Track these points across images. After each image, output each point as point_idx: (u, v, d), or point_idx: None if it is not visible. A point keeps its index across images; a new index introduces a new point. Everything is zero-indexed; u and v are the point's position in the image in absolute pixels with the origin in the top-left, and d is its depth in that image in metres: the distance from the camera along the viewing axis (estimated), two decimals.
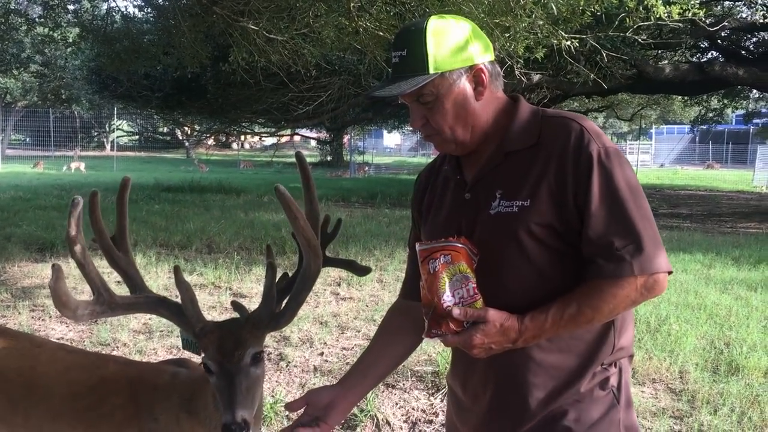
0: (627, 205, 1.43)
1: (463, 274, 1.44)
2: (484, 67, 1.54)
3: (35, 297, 6.24)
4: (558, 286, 1.49)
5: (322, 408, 1.70)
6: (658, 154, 47.44)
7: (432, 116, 1.54)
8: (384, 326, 1.85)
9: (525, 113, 1.58)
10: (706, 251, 8.94)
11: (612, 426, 1.52)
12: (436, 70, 1.49)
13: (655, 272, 1.41)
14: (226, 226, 10.16)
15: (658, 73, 14.33)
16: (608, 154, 1.46)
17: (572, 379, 1.51)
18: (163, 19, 8.76)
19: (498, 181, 1.54)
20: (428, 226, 1.70)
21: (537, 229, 1.47)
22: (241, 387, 1.73)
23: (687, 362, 4.69)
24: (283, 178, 25.13)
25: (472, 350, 1.44)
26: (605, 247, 1.41)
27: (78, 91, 31.99)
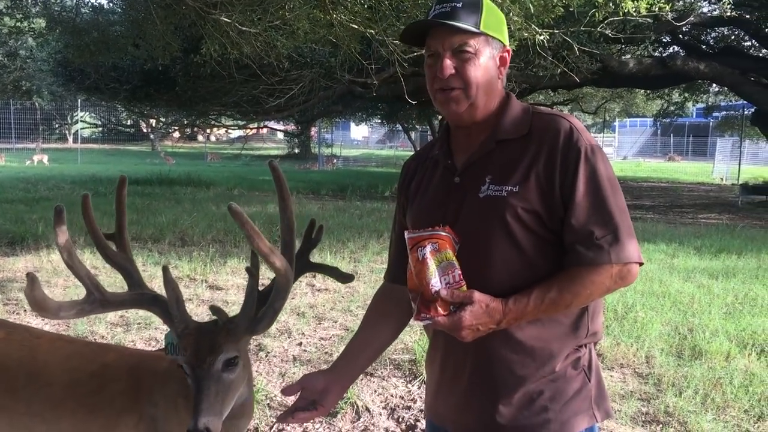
0: (608, 199, 1.54)
1: (449, 262, 1.50)
2: (510, 51, 1.69)
3: (8, 291, 6.20)
4: (540, 270, 1.57)
5: (318, 392, 1.75)
6: (621, 147, 48.25)
7: (465, 69, 1.59)
8: (372, 310, 1.90)
9: (517, 106, 1.69)
10: (669, 241, 9.22)
11: (585, 402, 1.61)
12: (486, 30, 1.59)
13: (629, 262, 1.52)
14: (199, 218, 10.14)
15: (622, 67, 14.62)
16: (593, 150, 1.57)
17: (549, 359, 1.59)
18: (133, 10, 8.68)
19: (488, 167, 1.62)
20: (415, 208, 1.76)
21: (523, 214, 1.55)
22: (209, 393, 1.76)
23: (653, 347, 4.88)
24: (251, 171, 25.04)
25: (461, 332, 1.49)
26: (586, 235, 1.51)
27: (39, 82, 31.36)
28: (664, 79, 17.17)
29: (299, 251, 2.09)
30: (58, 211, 1.81)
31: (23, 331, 2.39)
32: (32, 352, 2.24)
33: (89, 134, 49.93)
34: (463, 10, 1.58)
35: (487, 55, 1.61)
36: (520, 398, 1.59)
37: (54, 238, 1.83)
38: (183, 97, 15.60)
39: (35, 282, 1.74)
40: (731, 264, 7.80)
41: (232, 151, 40.03)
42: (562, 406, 1.59)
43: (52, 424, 2.14)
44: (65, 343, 2.39)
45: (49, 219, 9.34)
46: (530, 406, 1.59)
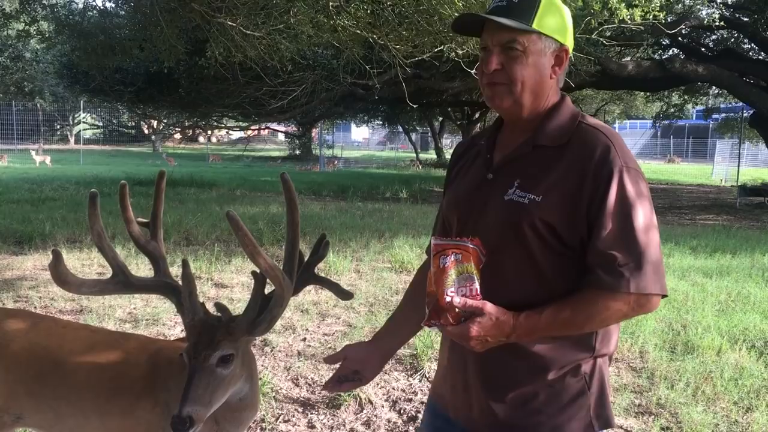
0: (636, 225, 1.48)
1: (470, 275, 1.50)
2: (568, 50, 1.64)
3: (18, 288, 6.33)
4: (552, 284, 1.56)
5: (360, 363, 1.82)
6: None
7: (512, 65, 1.57)
8: (412, 285, 1.93)
9: (566, 113, 1.64)
10: (665, 241, 9.34)
11: (581, 409, 1.60)
12: (539, 28, 1.55)
13: (650, 293, 1.48)
14: (202, 218, 10.28)
15: (621, 70, 14.77)
16: (629, 172, 1.52)
17: (544, 368, 1.59)
18: (139, 14, 8.83)
19: (520, 170, 1.60)
20: (451, 194, 1.77)
21: (540, 225, 1.53)
22: (198, 384, 1.85)
23: (647, 343, 5.03)
24: (253, 172, 25.17)
25: (469, 342, 1.49)
26: (608, 259, 1.47)
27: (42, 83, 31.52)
28: (663, 81, 17.32)
29: (306, 263, 2.20)
30: (92, 197, 1.96)
31: (50, 321, 2.54)
32: (59, 340, 2.38)
33: (91, 135, 50.08)
34: (518, 5, 1.56)
35: (540, 54, 1.58)
36: (513, 398, 1.61)
37: (87, 221, 1.97)
38: (186, 99, 15.77)
39: (59, 257, 1.91)
40: (725, 263, 7.95)
41: (233, 152, 40.15)
42: (556, 410, 1.59)
43: (76, 405, 2.28)
44: (89, 332, 2.53)
45: (56, 219, 9.53)
46: (523, 407, 1.61)
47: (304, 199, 14.89)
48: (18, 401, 2.34)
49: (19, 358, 2.34)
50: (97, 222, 2.00)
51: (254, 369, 2.19)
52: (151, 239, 2.20)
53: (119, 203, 2.16)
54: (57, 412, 2.31)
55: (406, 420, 3.88)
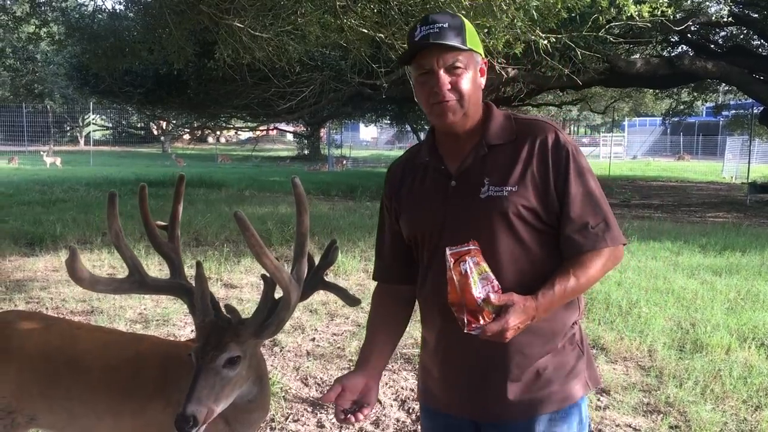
0: (594, 191, 1.75)
1: (486, 273, 1.62)
2: (487, 63, 1.86)
3: (29, 290, 6.40)
4: (540, 261, 1.75)
5: (359, 391, 1.83)
6: (630, 146, 48.17)
7: (459, 82, 1.75)
8: (378, 310, 2.01)
9: (499, 114, 1.86)
10: (674, 239, 9.33)
11: (581, 373, 1.82)
12: (471, 46, 1.76)
13: (619, 244, 1.75)
14: (212, 219, 10.33)
15: (629, 67, 14.71)
16: (576, 150, 1.78)
17: (553, 337, 1.78)
18: (149, 16, 8.88)
19: (484, 170, 1.77)
20: (412, 214, 1.89)
21: (524, 211, 1.72)
22: (204, 384, 1.88)
23: (655, 341, 5.03)
24: (262, 172, 25.24)
25: (506, 333, 1.60)
26: (582, 225, 1.72)
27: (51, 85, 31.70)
28: (671, 78, 17.22)
29: (315, 268, 2.21)
30: (111, 197, 2.02)
31: (64, 323, 2.58)
32: (72, 341, 2.42)
33: (100, 137, 50.34)
34: (450, 30, 1.73)
35: (475, 68, 1.78)
36: (528, 375, 1.76)
37: (107, 220, 2.03)
38: (195, 100, 15.82)
39: (76, 254, 1.95)
40: (735, 261, 7.92)
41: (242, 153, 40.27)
42: (563, 378, 1.78)
43: (89, 406, 2.31)
44: (103, 333, 2.57)
45: (66, 220, 9.60)
46: (537, 381, 1.76)
47: (312, 199, 14.92)
48: (32, 402, 2.37)
49: (33, 360, 2.37)
50: (116, 222, 2.05)
51: (263, 371, 2.20)
52: (169, 241, 2.23)
53: (139, 205, 2.21)
54: (70, 412, 2.34)
55: (415, 419, 3.90)
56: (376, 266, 2.06)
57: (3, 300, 6.03)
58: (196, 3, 7.55)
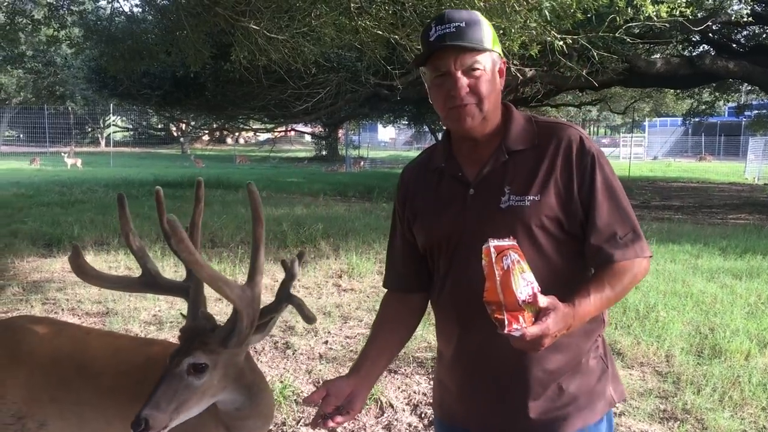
0: (621, 200, 1.67)
1: (527, 273, 1.49)
2: (505, 62, 1.77)
3: (46, 291, 6.45)
4: (561, 272, 1.67)
5: (345, 397, 1.78)
6: (651, 147, 47.76)
7: (478, 85, 1.66)
8: (383, 317, 1.95)
9: (519, 118, 1.76)
10: (694, 242, 9.20)
11: (605, 387, 1.75)
12: (490, 47, 1.68)
13: (649, 255, 1.67)
14: (228, 220, 10.36)
15: (649, 67, 14.55)
16: (602, 156, 1.69)
17: (577, 352, 1.70)
18: (166, 19, 8.93)
19: (504, 178, 1.69)
20: (428, 222, 1.80)
21: (546, 221, 1.65)
22: (164, 389, 1.84)
23: (673, 346, 4.94)
24: (279, 173, 25.32)
25: (544, 340, 1.48)
26: (610, 235, 1.63)
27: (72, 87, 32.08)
28: (692, 78, 17.01)
29: (283, 281, 2.11)
30: (120, 199, 2.03)
31: (74, 328, 2.58)
32: (82, 346, 2.41)
33: (121, 138, 50.83)
34: (468, 29, 1.64)
35: (494, 69, 1.69)
36: (551, 392, 1.69)
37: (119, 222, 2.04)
38: (213, 102, 15.92)
39: (78, 251, 1.97)
40: (756, 264, 7.78)
41: (260, 154, 40.43)
42: (588, 394, 1.71)
43: (99, 410, 2.31)
44: (113, 338, 2.57)
45: (84, 221, 9.67)
46: (560, 398, 1.69)
47: (329, 200, 14.95)
48: (42, 408, 2.37)
49: (44, 365, 2.37)
50: (127, 223, 2.04)
51: (254, 380, 2.13)
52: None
53: (156, 208, 2.21)
54: (80, 417, 2.34)
55: (427, 424, 3.87)
56: (386, 273, 1.99)
57: (20, 301, 6.08)
58: (212, 5, 7.58)
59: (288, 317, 5.66)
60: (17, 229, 9.44)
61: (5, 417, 2.38)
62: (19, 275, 7.05)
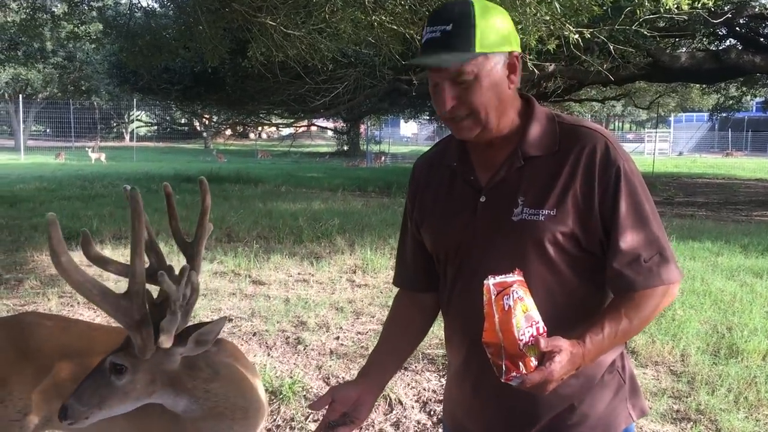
0: (650, 218, 1.49)
1: (531, 312, 1.37)
2: (519, 55, 1.53)
3: (63, 284, 6.50)
4: (576, 291, 1.54)
5: (352, 404, 1.68)
6: (676, 143, 47.13)
7: (468, 96, 1.48)
8: (394, 319, 1.85)
9: (542, 117, 1.58)
10: (715, 239, 9.05)
11: (621, 403, 1.61)
12: (482, 49, 1.45)
13: (677, 281, 1.50)
14: (245, 215, 10.40)
15: (673, 61, 14.33)
16: (631, 168, 1.51)
17: (592, 377, 1.57)
18: (184, 14, 8.98)
19: (519, 187, 1.54)
20: (436, 226, 1.68)
21: (561, 238, 1.50)
22: (89, 382, 1.86)
23: (689, 346, 4.86)
24: (300, 168, 25.38)
25: (548, 385, 1.37)
26: (634, 258, 1.46)
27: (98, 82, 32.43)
28: (718, 73, 16.72)
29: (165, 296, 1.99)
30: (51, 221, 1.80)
31: (82, 325, 2.59)
32: (90, 343, 2.42)
33: (145, 133, 51.29)
34: (453, 32, 1.45)
35: (491, 73, 1.48)
36: (562, 410, 1.58)
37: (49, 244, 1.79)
38: (232, 97, 16.01)
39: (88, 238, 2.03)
40: None
41: (282, 149, 40.57)
42: (602, 411, 1.58)
43: None
44: (120, 335, 2.57)
45: (103, 215, 9.76)
46: (571, 416, 1.58)
47: (347, 195, 14.95)
48: (48, 404, 2.38)
49: (51, 361, 2.38)
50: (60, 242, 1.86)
51: (201, 386, 2.05)
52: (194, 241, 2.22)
53: (166, 206, 2.22)
54: None
55: (436, 422, 3.84)
56: (396, 271, 1.87)
57: (37, 294, 6.15)
58: (229, 1, 7.60)
59: (300, 313, 5.67)
60: (38, 222, 9.57)
61: (12, 413, 2.39)
62: (37, 268, 7.13)
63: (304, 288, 6.52)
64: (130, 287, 1.85)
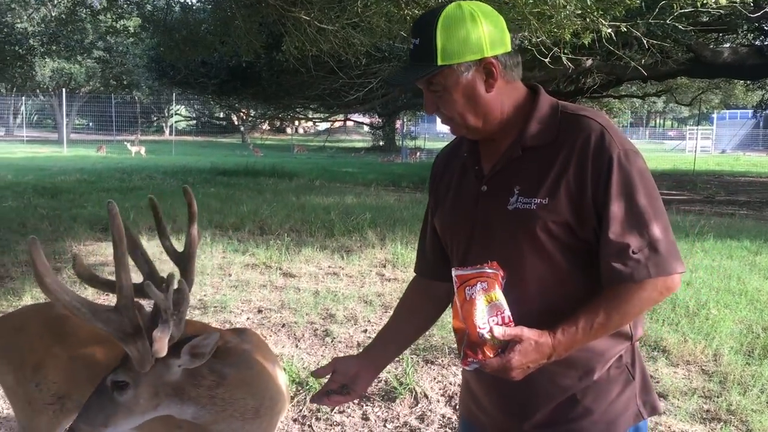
0: (643, 208, 1.45)
1: (497, 302, 1.42)
2: (495, 60, 1.51)
3: (99, 273, 6.62)
4: (572, 281, 1.53)
5: (351, 377, 1.76)
6: (719, 140, 46.06)
7: (442, 104, 1.56)
8: (404, 302, 1.91)
9: (545, 107, 1.58)
10: (754, 238, 8.84)
11: (630, 400, 1.58)
12: (444, 62, 1.48)
13: (671, 274, 1.45)
14: (278, 208, 10.49)
15: (716, 57, 14.00)
16: (627, 155, 1.48)
17: (591, 369, 1.56)
18: (220, 9, 9.08)
19: (516, 177, 1.55)
20: (446, 215, 1.72)
21: (554, 227, 1.49)
22: (93, 400, 1.86)
23: (722, 345, 4.77)
24: (335, 162, 25.50)
25: (510, 372, 1.43)
26: (622, 249, 1.43)
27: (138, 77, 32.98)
28: (762, 68, 16.27)
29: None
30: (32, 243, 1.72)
31: None
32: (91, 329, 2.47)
33: (184, 127, 52.01)
34: (421, 46, 1.51)
35: (458, 83, 1.52)
36: (563, 402, 1.58)
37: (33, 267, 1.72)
38: (268, 91, 16.13)
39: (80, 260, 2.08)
40: None
41: (317, 143, 40.77)
42: (606, 406, 1.56)
43: None
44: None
45: (140, 207, 9.93)
46: (574, 410, 1.57)
47: (380, 190, 14.98)
48: (80, 388, 2.43)
49: (86, 346, 2.42)
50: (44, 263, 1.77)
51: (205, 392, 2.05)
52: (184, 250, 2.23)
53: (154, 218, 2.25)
54: None
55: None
56: (417, 259, 1.93)
57: (74, 283, 6.29)
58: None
59: (329, 305, 5.70)
60: (77, 213, 9.80)
61: (46, 396, 2.46)
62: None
63: (333, 281, 6.55)
64: (119, 301, 1.83)
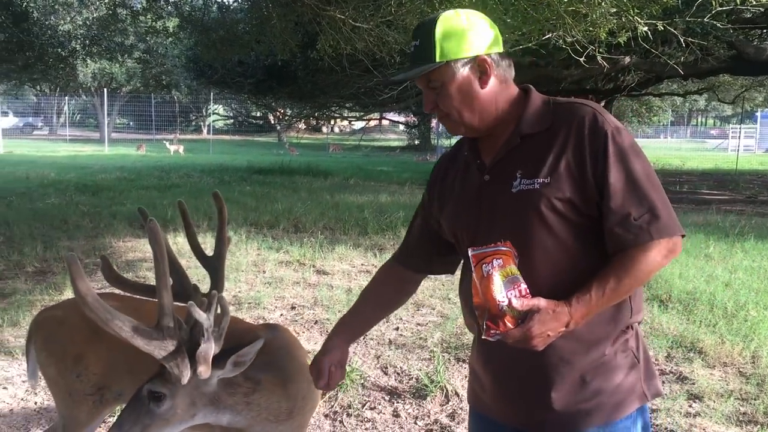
0: (640, 177, 1.56)
1: (514, 276, 1.51)
2: (488, 58, 1.66)
3: (138, 269, 6.80)
4: (580, 257, 1.61)
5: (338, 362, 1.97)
6: (763, 139, 44.88)
7: (440, 100, 1.68)
8: (377, 286, 2.07)
9: (537, 102, 1.71)
10: None
11: (635, 383, 1.67)
12: (442, 58, 1.63)
13: (672, 236, 1.55)
14: (313, 207, 10.57)
15: (759, 54, 13.68)
16: (619, 131, 1.59)
17: (597, 343, 1.63)
18: (256, 8, 9.18)
19: (517, 162, 1.66)
20: (451, 209, 1.81)
21: (558, 203, 1.58)
22: (129, 411, 1.89)
23: (761, 347, 4.68)
24: (370, 161, 25.55)
25: (531, 341, 1.51)
26: (624, 217, 1.54)
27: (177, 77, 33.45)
28: None
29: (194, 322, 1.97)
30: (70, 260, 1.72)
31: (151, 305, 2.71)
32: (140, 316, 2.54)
33: (222, 126, 52.61)
34: (422, 47, 1.65)
35: (455, 78, 1.65)
36: (572, 384, 1.64)
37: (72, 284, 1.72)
38: (303, 90, 16.26)
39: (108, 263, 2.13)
40: None
41: (353, 142, 40.88)
42: (614, 388, 1.64)
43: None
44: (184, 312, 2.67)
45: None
46: (583, 391, 1.64)
47: (415, 188, 14.97)
48: (119, 379, 2.49)
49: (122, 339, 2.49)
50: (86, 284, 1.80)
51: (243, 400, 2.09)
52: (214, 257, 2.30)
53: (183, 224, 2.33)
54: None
55: None
56: (399, 248, 2.06)
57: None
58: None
59: None
60: (117, 210, 10.00)
61: (86, 387, 2.53)
62: (115, 254, 7.46)
63: (366, 279, 6.59)
64: (160, 320, 1.87)
